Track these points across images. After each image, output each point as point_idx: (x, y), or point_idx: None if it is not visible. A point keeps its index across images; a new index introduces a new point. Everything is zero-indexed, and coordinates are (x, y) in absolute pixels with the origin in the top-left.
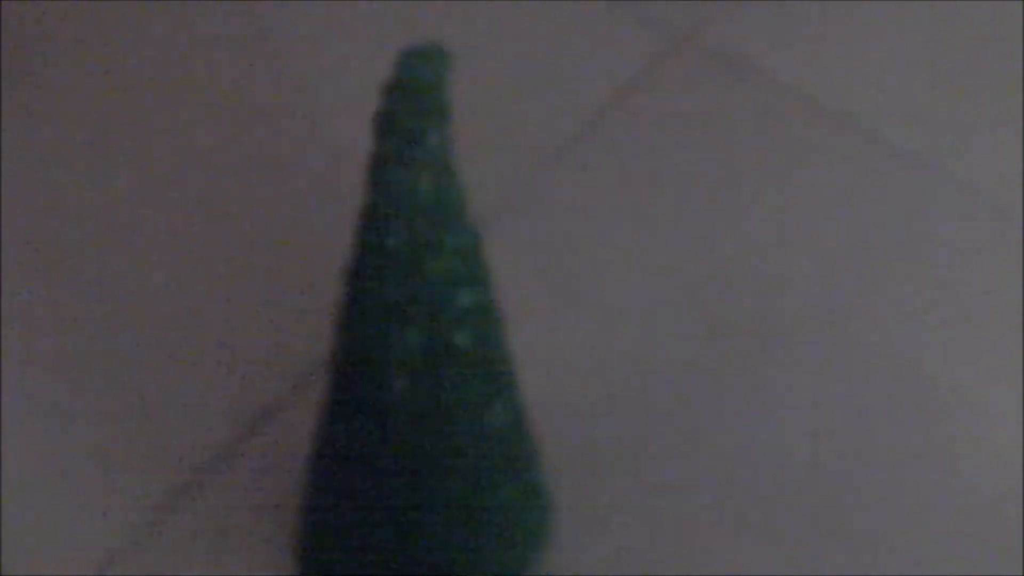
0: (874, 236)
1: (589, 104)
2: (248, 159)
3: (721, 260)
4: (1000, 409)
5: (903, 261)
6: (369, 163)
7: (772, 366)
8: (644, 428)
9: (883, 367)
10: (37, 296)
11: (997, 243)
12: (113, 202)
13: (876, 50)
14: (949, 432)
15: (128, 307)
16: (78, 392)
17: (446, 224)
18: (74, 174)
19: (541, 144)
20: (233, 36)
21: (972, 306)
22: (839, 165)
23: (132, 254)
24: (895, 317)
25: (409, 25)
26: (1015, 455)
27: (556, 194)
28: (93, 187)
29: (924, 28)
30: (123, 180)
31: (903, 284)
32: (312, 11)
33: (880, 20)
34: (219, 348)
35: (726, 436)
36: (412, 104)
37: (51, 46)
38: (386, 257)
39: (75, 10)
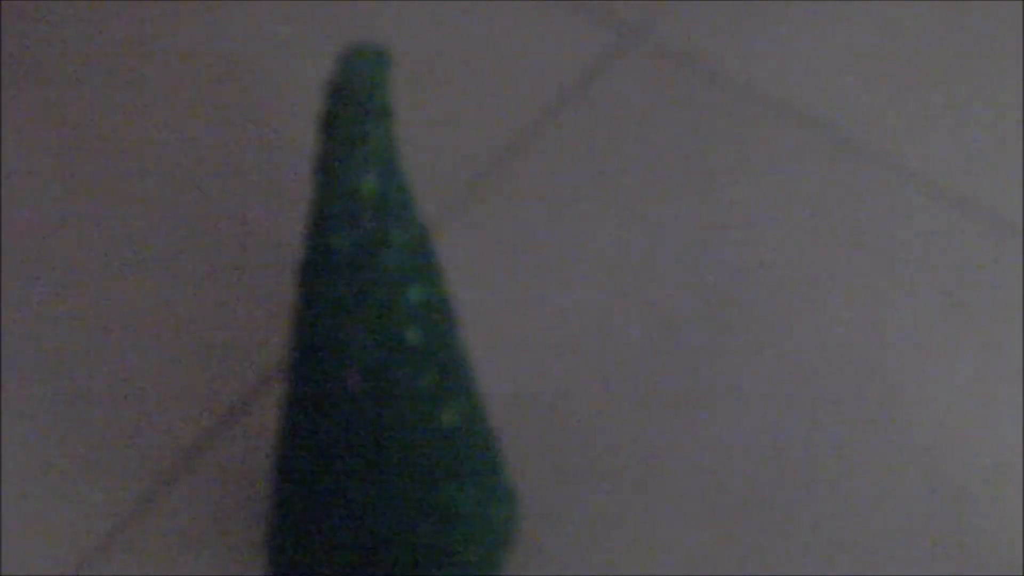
0: (827, 228)
1: (540, 100)
2: (200, 160)
3: (677, 253)
4: (962, 400)
5: (861, 253)
6: (314, 163)
7: (733, 360)
8: (607, 423)
9: (845, 360)
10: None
11: (957, 238)
12: (73, 204)
13: (827, 45)
14: (910, 424)
15: (91, 309)
16: (46, 394)
17: (393, 221)
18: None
19: (493, 141)
20: (182, 37)
21: (933, 299)
22: (791, 159)
23: (93, 256)
24: (855, 308)
25: (355, 25)
26: (979, 445)
27: (508, 190)
28: (51, 189)
29: (877, 24)
30: (74, 182)
31: (863, 277)
32: (255, 11)
33: (833, 16)
34: (181, 349)
35: (690, 430)
36: (354, 104)
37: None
38: (334, 255)
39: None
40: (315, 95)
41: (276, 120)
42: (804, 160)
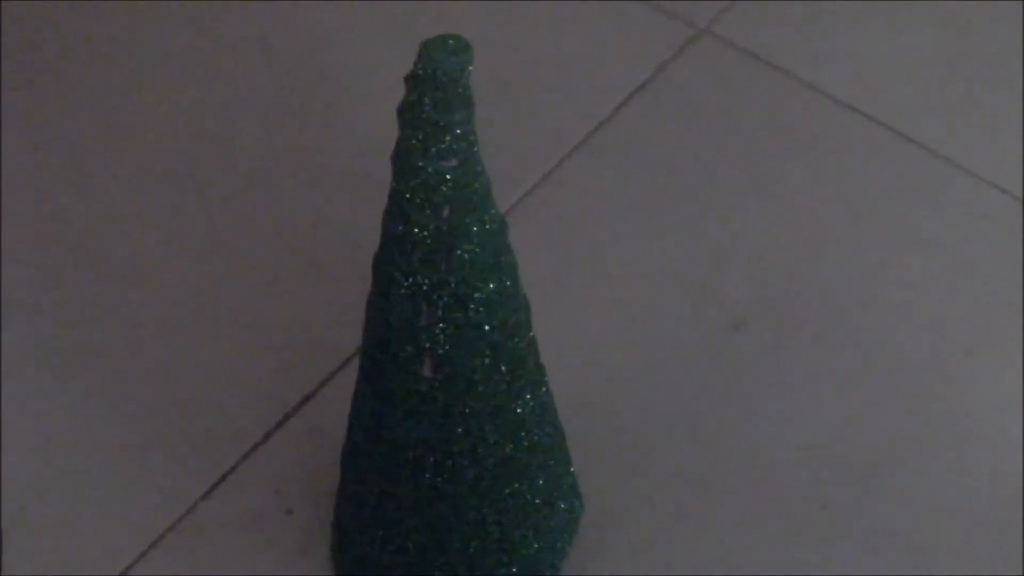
0: (891, 227)
1: (609, 95)
2: (278, 153)
3: (741, 248)
4: (1009, 402)
5: (925, 252)
6: (395, 153)
7: (796, 357)
8: (668, 419)
9: (907, 358)
10: (71, 290)
11: (1003, 232)
12: (143, 195)
13: (893, 46)
14: (974, 423)
15: (166, 302)
16: (116, 380)
17: (471, 212)
18: (102, 166)
19: (564, 133)
20: (260, 33)
21: (998, 299)
22: (852, 155)
23: (163, 248)
24: (918, 306)
25: (433, 19)
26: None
27: (578, 182)
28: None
29: (943, 25)
30: (155, 172)
31: (927, 276)
32: (337, 6)
33: (888, 13)
34: (259, 338)
35: (748, 427)
36: (436, 94)
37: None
38: (413, 246)
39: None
40: (394, 89)
41: (355, 112)
42: (868, 158)
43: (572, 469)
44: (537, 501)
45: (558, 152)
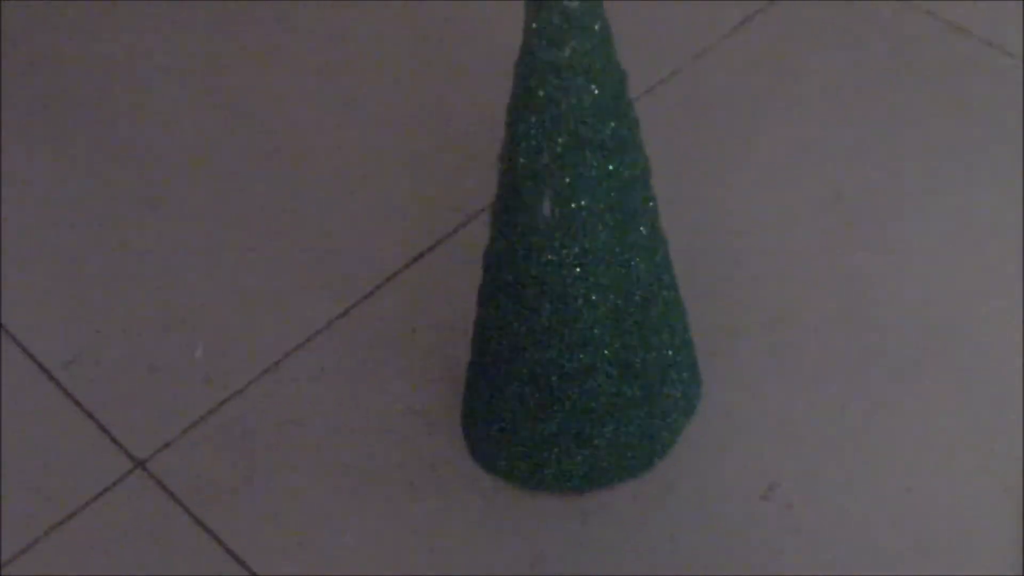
0: None
1: (736, 8)
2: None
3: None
4: None
5: None
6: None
7: (901, 225)
8: (786, 300)
9: None
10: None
11: None
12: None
13: None
14: None
15: (318, 158)
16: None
17: (593, 50)
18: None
19: (695, 41)
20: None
21: None
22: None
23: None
24: None
25: None
26: None
27: (706, 84)
28: None
29: None
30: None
31: None
32: None
33: None
34: (390, 192)
35: (867, 300)
36: None
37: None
38: (539, 82)
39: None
40: None
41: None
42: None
43: (692, 346)
44: (657, 368)
45: (691, 57)
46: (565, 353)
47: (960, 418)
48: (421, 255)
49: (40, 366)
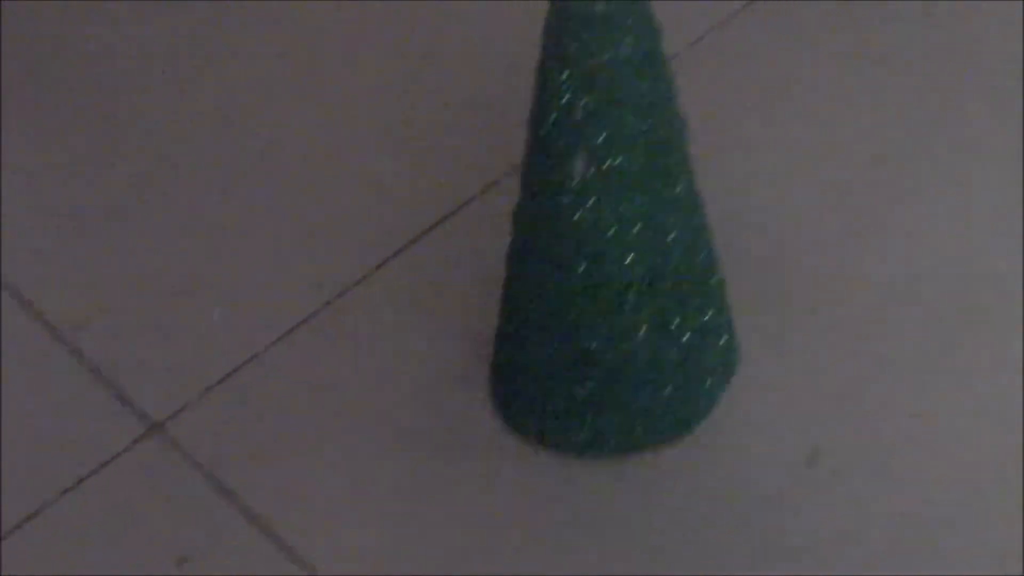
0: None
1: None
2: None
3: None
4: None
5: None
6: None
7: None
8: (826, 263)
9: None
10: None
11: None
12: None
13: None
14: None
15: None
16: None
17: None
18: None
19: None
20: None
21: None
22: None
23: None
24: None
25: None
26: None
27: (746, 41)
28: None
29: None
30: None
31: None
32: None
33: None
34: (419, 152)
35: (910, 262)
36: None
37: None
38: (571, 37)
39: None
40: None
41: None
42: None
43: (729, 309)
44: (691, 328)
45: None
46: (599, 315)
47: (998, 385)
48: (445, 217)
49: (53, 330)
